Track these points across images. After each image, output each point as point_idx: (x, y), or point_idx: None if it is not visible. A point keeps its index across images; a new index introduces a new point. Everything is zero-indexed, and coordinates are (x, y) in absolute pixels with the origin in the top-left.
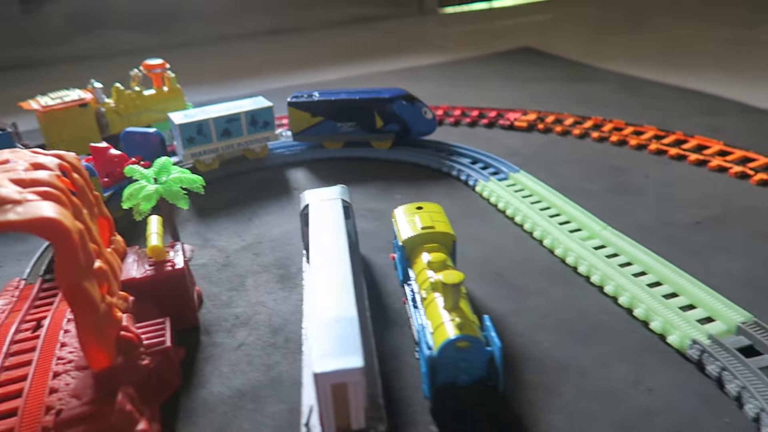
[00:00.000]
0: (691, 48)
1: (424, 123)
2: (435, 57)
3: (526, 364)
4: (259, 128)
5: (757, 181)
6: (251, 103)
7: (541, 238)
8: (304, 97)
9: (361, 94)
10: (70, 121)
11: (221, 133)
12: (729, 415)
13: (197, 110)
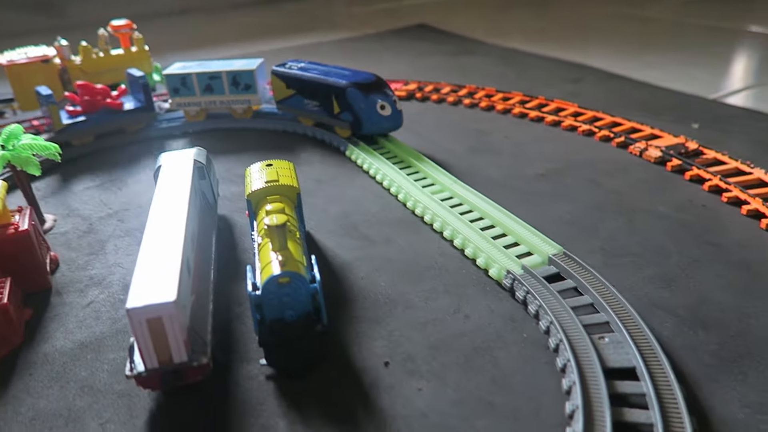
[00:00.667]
0: (576, 24)
1: (377, 118)
2: (336, 35)
3: (361, 301)
4: (241, 90)
5: (600, 137)
6: (242, 64)
7: (396, 193)
8: (286, 67)
9: (327, 75)
10: (34, 75)
11: (204, 88)
12: (528, 331)
13: (193, 63)
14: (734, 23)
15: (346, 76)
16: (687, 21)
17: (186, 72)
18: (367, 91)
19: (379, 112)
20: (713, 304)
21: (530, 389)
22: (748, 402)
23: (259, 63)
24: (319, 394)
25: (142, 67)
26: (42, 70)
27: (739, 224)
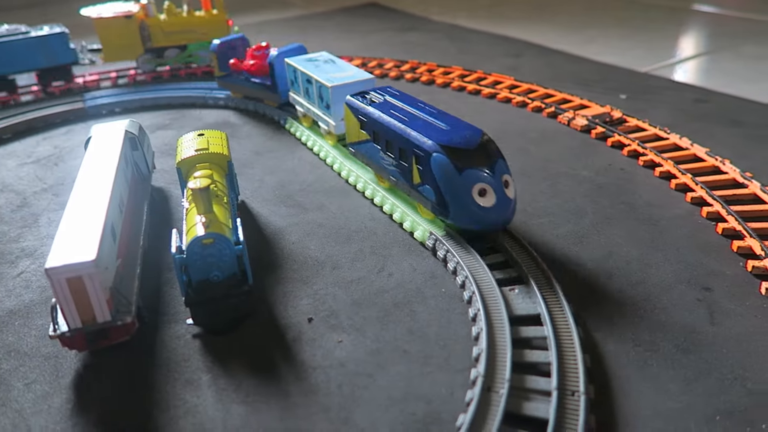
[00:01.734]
0: (525, 2)
1: (472, 207)
2: (285, 13)
3: (291, 264)
4: (323, 107)
5: (533, 108)
6: (335, 75)
7: (332, 163)
8: (366, 99)
9: (411, 124)
10: (117, 30)
11: (304, 90)
12: (446, 286)
13: (318, 55)
14: (682, 2)
15: (439, 131)
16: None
17: (297, 67)
18: (462, 162)
19: (475, 198)
20: (619, 257)
21: (443, 338)
22: (641, 341)
23: (353, 79)
24: (244, 350)
25: (219, 30)
26: (125, 25)
27: (652, 185)
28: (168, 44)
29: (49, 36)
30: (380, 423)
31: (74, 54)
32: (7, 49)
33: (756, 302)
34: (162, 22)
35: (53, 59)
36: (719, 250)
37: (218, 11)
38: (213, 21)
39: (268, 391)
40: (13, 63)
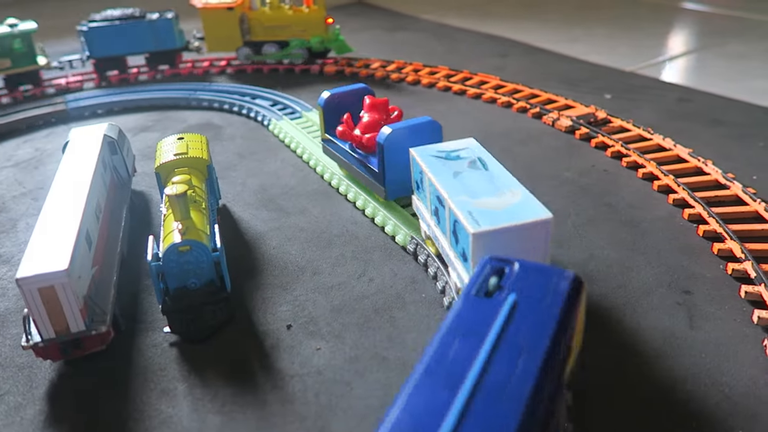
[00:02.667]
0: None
1: None
2: None
3: (271, 270)
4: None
5: (518, 108)
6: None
7: (314, 166)
8: None
9: None
10: (219, 20)
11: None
12: (426, 291)
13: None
14: (671, 1)
15: None
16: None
17: (426, 171)
18: None
19: None
20: (600, 260)
21: (423, 345)
22: (619, 346)
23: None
24: (221, 358)
25: (316, 28)
26: (227, 16)
27: (635, 186)
28: (266, 39)
29: (158, 21)
30: (359, 426)
31: (181, 40)
32: (118, 31)
33: (735, 305)
34: (262, 16)
35: (161, 44)
36: (700, 253)
37: (317, 8)
38: (310, 18)
39: (245, 400)
40: (124, 45)
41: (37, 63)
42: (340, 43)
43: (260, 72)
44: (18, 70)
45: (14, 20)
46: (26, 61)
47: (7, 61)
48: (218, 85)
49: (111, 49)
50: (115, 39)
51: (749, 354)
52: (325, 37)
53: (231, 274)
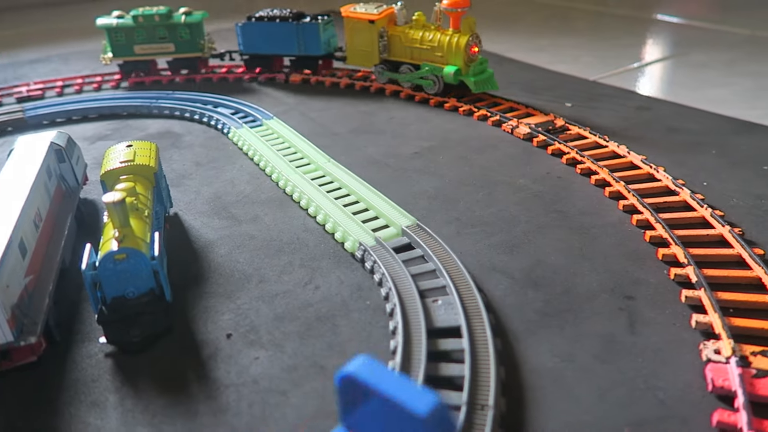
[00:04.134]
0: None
1: None
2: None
3: (216, 278)
4: None
5: (479, 116)
6: None
7: (270, 173)
8: None
9: None
10: (360, 32)
11: None
12: (371, 299)
13: None
14: (645, 13)
15: None
16: (601, 10)
17: None
18: None
19: None
20: (547, 266)
21: (363, 352)
22: (559, 352)
23: None
24: (157, 368)
25: (455, 57)
26: (367, 28)
27: (587, 193)
28: (403, 59)
29: (304, 24)
30: None
31: (325, 47)
32: (267, 31)
33: (676, 310)
34: (401, 33)
35: (305, 48)
36: (645, 258)
37: (461, 33)
38: (450, 43)
39: (176, 411)
40: (271, 45)
41: (198, 51)
42: (484, 78)
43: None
44: (180, 56)
45: (186, 9)
46: (189, 48)
47: (171, 45)
48: (181, 93)
49: (259, 48)
50: (264, 38)
51: (685, 359)
52: (464, 68)
53: (175, 283)
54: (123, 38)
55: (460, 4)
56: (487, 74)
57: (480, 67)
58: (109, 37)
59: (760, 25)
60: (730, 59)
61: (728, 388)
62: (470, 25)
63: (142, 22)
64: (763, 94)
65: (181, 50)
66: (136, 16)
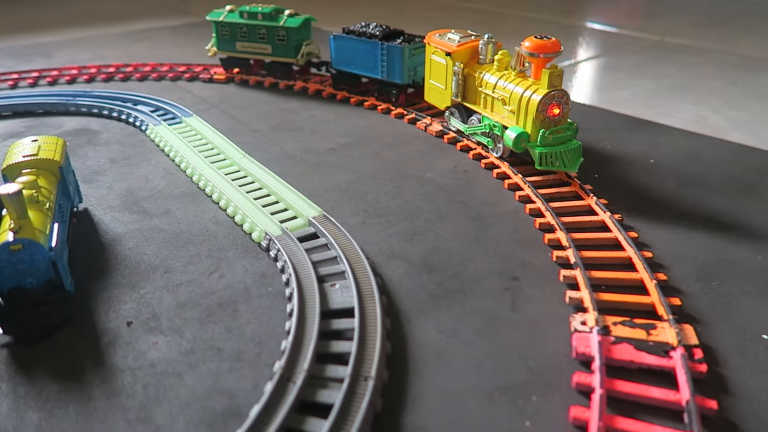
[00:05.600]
0: (412, 16)
1: None
2: (173, 20)
3: (122, 270)
4: None
5: (396, 114)
6: None
7: (185, 168)
8: None
9: None
10: (436, 65)
11: None
12: (273, 285)
13: None
14: (577, 21)
15: None
16: (530, 16)
17: None
18: None
19: None
20: (443, 252)
21: (260, 335)
22: (444, 329)
23: None
24: (53, 357)
25: (526, 117)
26: (443, 62)
27: (489, 185)
28: (475, 106)
29: (390, 47)
30: (178, 420)
31: (409, 76)
32: (355, 47)
33: (555, 289)
34: (478, 74)
35: (387, 73)
36: (533, 243)
37: (539, 88)
38: (522, 100)
39: (70, 396)
40: (357, 64)
41: (292, 57)
42: (557, 150)
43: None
44: (276, 59)
45: (291, 11)
46: (284, 53)
47: (269, 47)
48: (99, 91)
49: (347, 65)
50: (352, 55)
51: (557, 331)
52: (533, 133)
53: (80, 275)
54: (228, 33)
55: (544, 49)
56: (569, 147)
57: (561, 135)
58: (216, 30)
59: (669, 31)
60: (639, 63)
61: (589, 354)
62: (552, 78)
63: (245, 19)
64: (661, 94)
65: (277, 54)
66: (242, 12)
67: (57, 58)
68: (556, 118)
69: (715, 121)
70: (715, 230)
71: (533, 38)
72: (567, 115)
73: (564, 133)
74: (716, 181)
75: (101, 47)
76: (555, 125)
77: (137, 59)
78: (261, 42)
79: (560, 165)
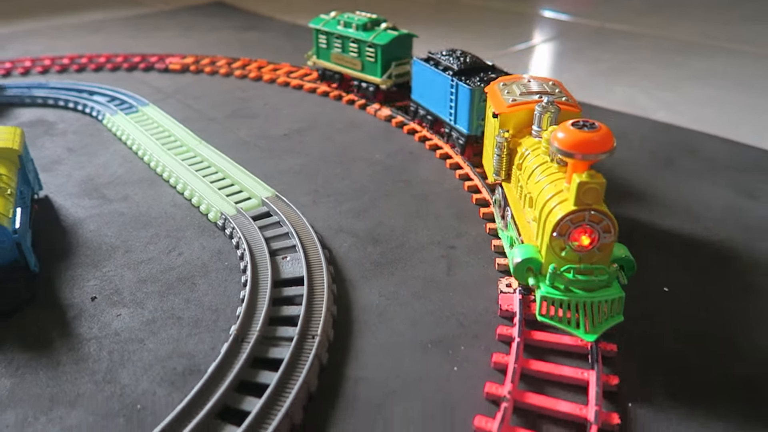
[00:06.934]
0: (370, 6)
1: None
2: (126, 11)
3: (84, 251)
4: None
5: (347, 100)
6: None
7: (143, 155)
8: None
9: None
10: (489, 125)
11: None
12: (229, 260)
13: None
14: (531, 8)
15: None
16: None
17: None
18: None
19: None
20: (387, 226)
21: (217, 304)
22: (386, 293)
23: None
24: (21, 329)
25: (541, 238)
26: (491, 124)
27: (432, 165)
28: (509, 194)
29: (459, 86)
30: (142, 379)
31: (478, 126)
32: (430, 79)
33: (486, 255)
34: (522, 152)
35: (456, 118)
36: (469, 216)
37: (565, 203)
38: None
39: (39, 363)
40: (431, 99)
41: (377, 77)
42: (583, 297)
43: None
44: (360, 77)
45: (389, 24)
46: (370, 71)
47: (359, 63)
48: (55, 83)
49: (423, 98)
50: (428, 88)
51: (486, 292)
52: (545, 264)
53: (43, 257)
54: (324, 42)
55: (586, 147)
56: (602, 296)
57: (589, 280)
58: (316, 38)
59: (611, 17)
60: (578, 48)
61: (512, 310)
62: (583, 192)
63: (341, 29)
64: (596, 77)
65: (366, 71)
66: (339, 21)
67: (10, 50)
68: (585, 250)
69: (644, 102)
70: (633, 200)
71: (568, 126)
72: (609, 249)
73: (593, 276)
74: (639, 157)
75: (54, 38)
76: (583, 261)
77: (91, 50)
78: (352, 56)
79: (572, 324)
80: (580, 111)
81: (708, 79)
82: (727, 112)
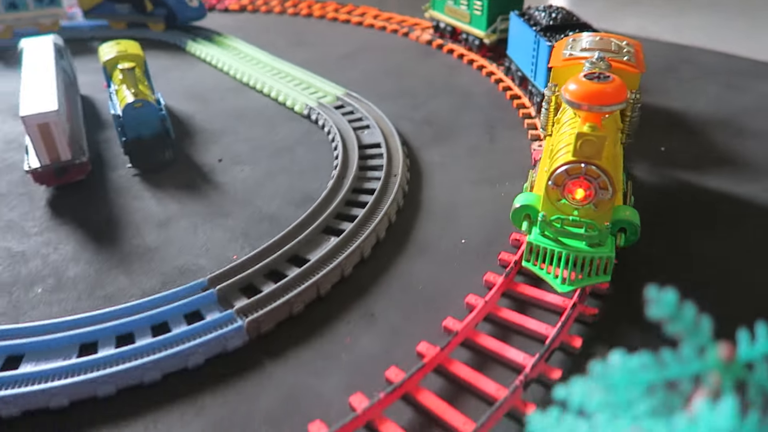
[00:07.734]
0: None
1: (189, 10)
2: None
3: (200, 133)
4: (46, 4)
5: (391, 30)
6: None
7: (228, 70)
8: None
9: None
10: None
11: (7, 5)
12: (318, 137)
13: None
14: None
15: None
16: None
17: None
18: None
19: (188, 4)
20: (439, 115)
21: (314, 161)
22: (443, 154)
23: None
24: (173, 178)
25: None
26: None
27: (470, 75)
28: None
29: (540, 41)
30: (271, 202)
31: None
32: (520, 34)
33: (520, 132)
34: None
35: (534, 75)
36: (505, 108)
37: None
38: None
39: (193, 196)
40: (520, 56)
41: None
42: (585, 262)
43: None
44: (467, 29)
45: None
46: (477, 25)
47: (468, 15)
48: None
49: (515, 54)
50: (519, 44)
51: (521, 153)
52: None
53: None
54: None
55: (595, 98)
56: (587, 253)
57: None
58: None
59: None
60: None
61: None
62: (583, 144)
63: None
64: (612, 11)
65: (472, 24)
66: None
67: None
68: (580, 203)
69: (653, 29)
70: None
71: (580, 78)
72: (607, 207)
73: (582, 230)
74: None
75: None
76: (579, 216)
77: None
78: (463, 8)
79: (552, 275)
80: (638, 72)
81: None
82: (723, 34)
